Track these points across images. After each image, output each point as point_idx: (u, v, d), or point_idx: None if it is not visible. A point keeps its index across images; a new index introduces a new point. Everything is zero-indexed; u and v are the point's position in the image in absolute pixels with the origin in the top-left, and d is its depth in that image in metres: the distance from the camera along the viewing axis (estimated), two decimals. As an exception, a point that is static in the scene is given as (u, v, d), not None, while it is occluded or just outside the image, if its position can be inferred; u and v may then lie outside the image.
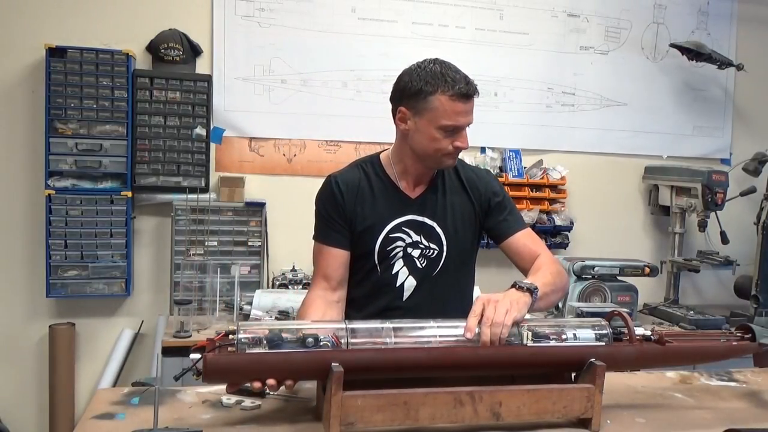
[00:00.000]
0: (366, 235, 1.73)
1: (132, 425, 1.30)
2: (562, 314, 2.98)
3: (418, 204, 1.75)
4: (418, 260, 1.74)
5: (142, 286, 3.02)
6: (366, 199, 1.74)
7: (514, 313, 1.41)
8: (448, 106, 1.62)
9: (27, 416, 2.97)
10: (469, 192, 1.79)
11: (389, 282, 1.74)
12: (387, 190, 1.75)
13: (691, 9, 3.56)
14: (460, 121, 1.64)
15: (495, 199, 1.80)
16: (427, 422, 1.31)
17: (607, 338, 1.46)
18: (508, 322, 1.39)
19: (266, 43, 3.05)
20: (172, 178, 2.92)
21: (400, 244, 1.73)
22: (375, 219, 1.73)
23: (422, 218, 1.74)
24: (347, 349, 1.33)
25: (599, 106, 3.47)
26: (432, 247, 1.74)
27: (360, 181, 1.75)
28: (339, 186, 1.74)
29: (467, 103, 1.64)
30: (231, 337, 1.29)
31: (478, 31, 3.29)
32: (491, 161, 3.29)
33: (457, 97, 1.61)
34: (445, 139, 1.65)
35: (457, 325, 1.44)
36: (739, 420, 1.50)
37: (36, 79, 2.83)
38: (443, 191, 1.78)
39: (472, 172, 1.84)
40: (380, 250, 1.73)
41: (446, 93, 1.61)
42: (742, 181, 3.42)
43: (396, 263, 1.74)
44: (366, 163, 1.80)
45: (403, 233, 1.73)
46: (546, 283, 1.60)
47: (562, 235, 3.36)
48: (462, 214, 1.78)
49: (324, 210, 1.76)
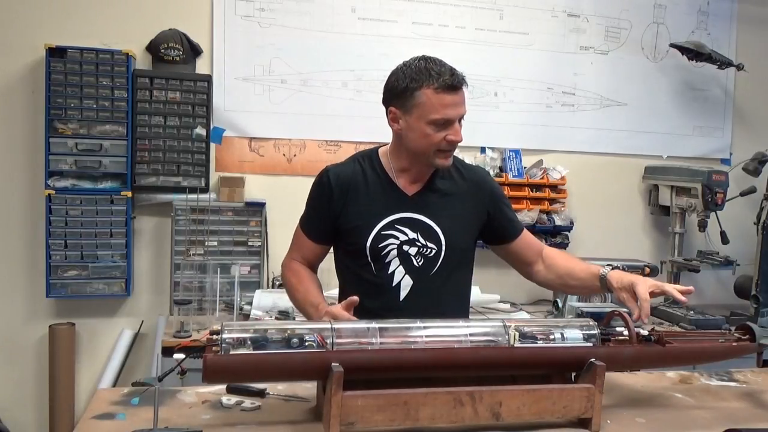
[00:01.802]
0: (357, 231, 1.71)
1: (132, 425, 1.31)
2: (562, 314, 2.98)
3: (415, 202, 1.74)
4: (415, 258, 1.72)
5: (142, 286, 3.02)
6: (360, 195, 1.73)
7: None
8: (435, 100, 1.61)
9: (27, 416, 2.97)
10: (471, 193, 1.78)
11: (385, 281, 1.72)
12: (383, 187, 1.74)
13: (691, 9, 3.56)
14: (449, 113, 1.62)
15: (499, 201, 1.81)
16: (427, 422, 1.31)
17: (595, 338, 1.46)
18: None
19: (266, 43, 3.05)
20: (172, 178, 2.92)
21: (393, 241, 1.71)
22: (368, 215, 1.71)
23: (420, 216, 1.73)
24: (347, 349, 1.33)
25: (599, 106, 3.47)
26: (430, 246, 1.72)
27: (356, 175, 1.74)
28: (331, 180, 1.74)
29: (455, 95, 1.62)
30: (215, 338, 1.29)
31: (478, 31, 3.29)
32: (491, 161, 3.29)
33: (443, 89, 1.60)
34: (437, 133, 1.63)
35: (443, 326, 1.46)
36: (739, 420, 1.51)
37: (36, 79, 2.83)
38: (443, 191, 1.76)
39: (475, 173, 1.83)
40: (372, 246, 1.71)
41: (431, 86, 1.60)
42: (742, 181, 3.42)
43: (392, 262, 1.71)
44: (364, 158, 1.78)
45: (398, 231, 1.71)
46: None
47: (562, 235, 3.35)
48: (462, 214, 1.77)
49: (312, 200, 1.78)
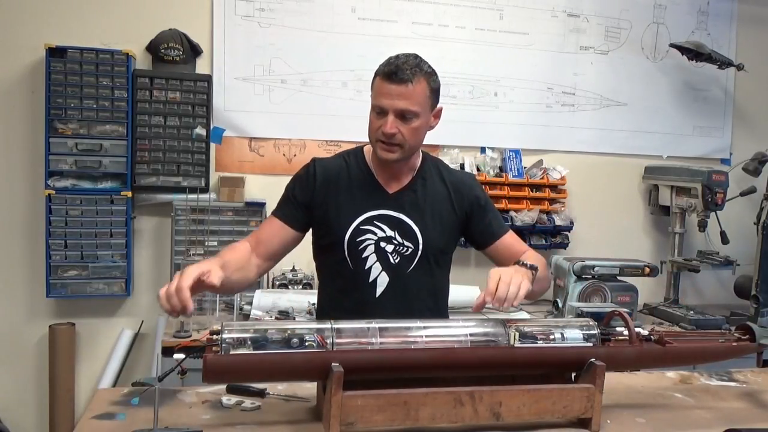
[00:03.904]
0: (336, 224, 1.73)
1: (132, 425, 1.31)
2: (562, 314, 2.99)
3: (395, 200, 1.75)
4: (392, 255, 1.73)
5: (142, 286, 3.02)
6: (341, 189, 1.75)
7: (527, 283, 1.50)
8: (378, 86, 1.66)
9: (27, 416, 2.97)
10: (451, 195, 1.80)
11: (362, 277, 1.73)
12: (365, 183, 1.76)
13: (691, 9, 3.56)
14: (383, 102, 1.64)
15: (479, 203, 1.82)
16: (427, 422, 1.31)
17: (595, 338, 1.46)
18: (523, 287, 1.48)
19: (266, 43, 3.05)
20: (172, 178, 2.91)
21: (371, 237, 1.73)
22: (347, 209, 1.73)
23: (398, 214, 1.74)
24: (347, 349, 1.33)
25: (599, 106, 3.47)
26: (406, 245, 1.74)
27: (340, 170, 1.77)
28: (316, 170, 1.76)
29: (392, 85, 1.63)
30: (215, 338, 1.29)
31: (478, 31, 3.29)
32: (491, 161, 3.29)
33: (384, 77, 1.64)
34: (375, 121, 1.67)
35: (443, 326, 1.47)
36: (739, 420, 1.51)
37: (36, 79, 2.83)
38: (424, 191, 1.78)
39: (456, 177, 1.85)
40: (350, 240, 1.72)
41: (380, 73, 1.66)
42: (742, 181, 3.42)
43: (368, 258, 1.73)
44: (350, 154, 1.81)
45: (375, 227, 1.73)
46: (542, 268, 1.67)
47: (562, 235, 3.36)
48: (441, 216, 1.78)
49: (292, 189, 1.78)
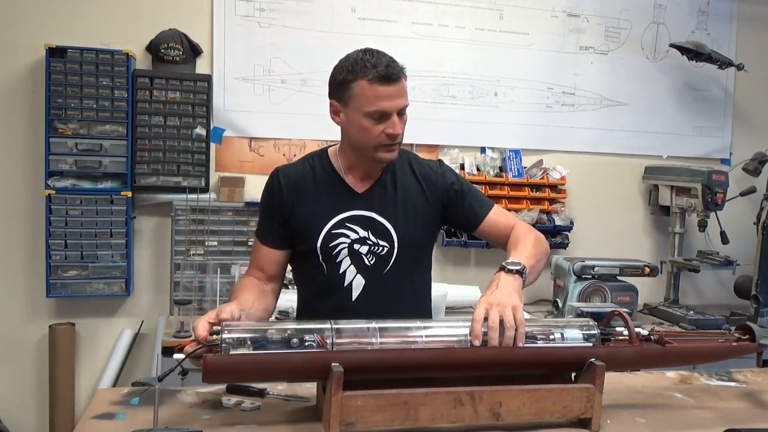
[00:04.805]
0: (307, 231, 1.69)
1: (132, 425, 1.30)
2: (562, 314, 2.98)
3: (365, 199, 1.70)
4: (366, 257, 1.68)
5: (142, 286, 3.02)
6: (308, 194, 1.70)
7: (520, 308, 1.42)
8: (369, 92, 1.57)
9: (27, 416, 2.97)
10: (423, 187, 1.75)
11: (336, 282, 1.69)
12: (332, 185, 1.71)
13: (691, 9, 3.56)
14: (384, 105, 1.58)
15: (453, 188, 1.76)
16: (427, 422, 1.31)
17: (595, 338, 1.45)
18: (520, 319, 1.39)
19: (266, 43, 3.05)
20: (172, 178, 2.91)
21: (344, 240, 1.68)
22: (317, 214, 1.69)
23: (370, 213, 1.69)
24: (347, 349, 1.33)
25: (599, 106, 3.47)
26: (381, 244, 1.69)
27: (305, 174, 1.72)
28: (280, 180, 1.72)
29: (390, 87, 1.57)
30: (215, 337, 1.29)
31: (478, 31, 3.29)
32: (491, 161, 3.29)
33: (377, 80, 1.56)
34: (375, 126, 1.60)
35: (443, 326, 1.46)
36: (739, 420, 1.50)
37: (36, 79, 2.83)
38: (394, 186, 1.73)
39: (426, 167, 1.79)
40: (323, 246, 1.67)
41: (365, 78, 1.57)
42: (742, 181, 3.42)
43: (342, 262, 1.68)
44: (314, 157, 1.77)
45: (348, 229, 1.68)
46: (530, 255, 1.60)
47: (562, 235, 3.36)
48: (415, 209, 1.73)
49: (264, 204, 1.76)
